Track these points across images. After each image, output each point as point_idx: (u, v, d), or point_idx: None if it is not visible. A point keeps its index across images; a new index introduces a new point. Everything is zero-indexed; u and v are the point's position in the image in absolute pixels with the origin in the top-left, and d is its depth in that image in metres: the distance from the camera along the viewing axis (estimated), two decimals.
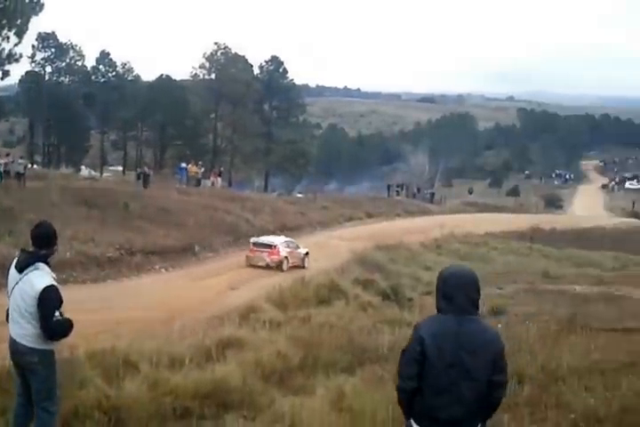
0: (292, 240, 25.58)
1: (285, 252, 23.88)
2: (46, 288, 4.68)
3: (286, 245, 24.27)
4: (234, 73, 57.18)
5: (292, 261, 24.00)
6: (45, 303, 4.67)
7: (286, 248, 24.10)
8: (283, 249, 23.82)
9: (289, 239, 25.60)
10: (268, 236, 25.94)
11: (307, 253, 25.07)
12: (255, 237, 25.39)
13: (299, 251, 24.78)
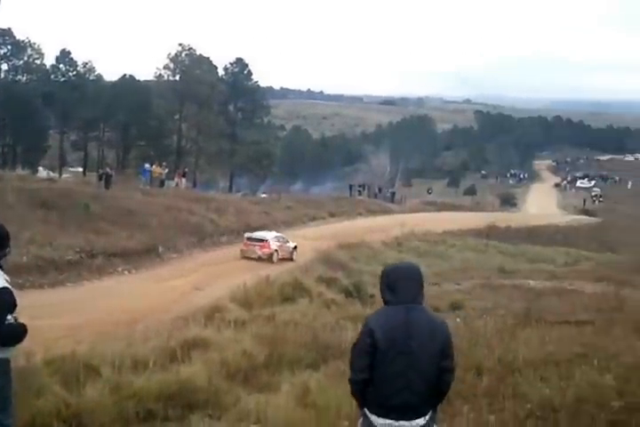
0: (282, 235, 27.29)
1: (275, 246, 25.85)
2: None
3: (276, 240, 26.21)
4: (198, 74, 56.70)
5: (281, 254, 25.97)
6: None
7: (276, 242, 26.06)
8: (273, 243, 25.81)
9: (279, 234, 27.31)
10: (260, 231, 27.54)
11: (295, 247, 26.86)
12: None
13: (288, 245, 26.70)
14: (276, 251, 25.81)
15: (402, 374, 3.51)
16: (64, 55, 59.48)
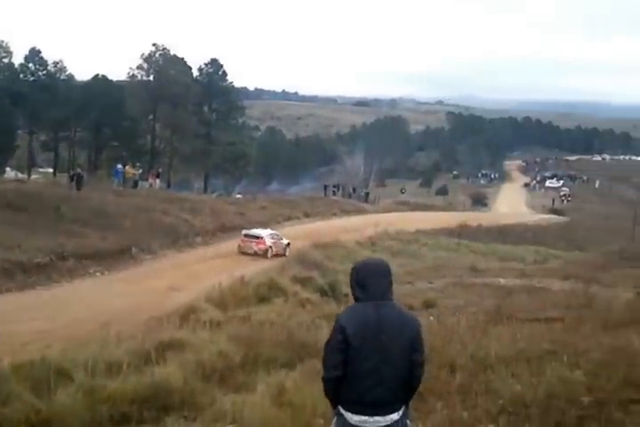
0: (276, 233, 28.94)
1: (270, 242, 27.39)
2: None
3: (271, 237, 27.82)
4: (173, 74, 56.17)
5: (275, 250, 27.48)
6: None
7: (271, 239, 27.64)
8: (268, 240, 27.34)
9: (274, 232, 29.02)
10: (256, 229, 29.19)
11: (288, 244, 28.34)
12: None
13: (281, 242, 28.21)
14: (271, 247, 27.27)
15: (375, 370, 3.52)
16: (33, 54, 58.30)
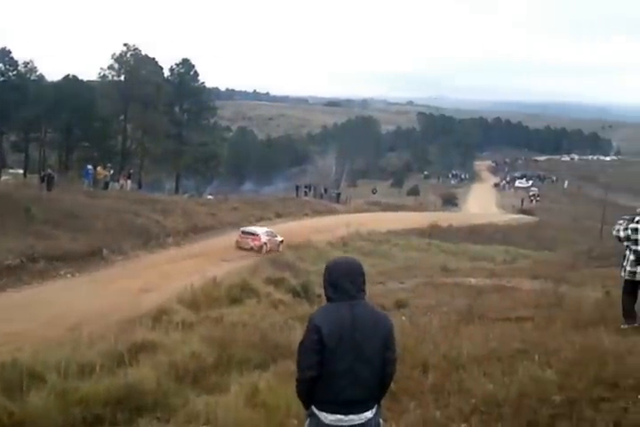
0: (271, 231, 30.68)
1: (265, 239, 29.18)
2: None
3: (266, 234, 29.61)
4: (144, 75, 55.65)
5: (269, 246, 29.17)
6: None
7: (266, 236, 29.41)
8: (263, 237, 29.17)
9: (269, 230, 30.81)
10: (253, 226, 31.40)
11: (281, 241, 30.13)
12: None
13: (275, 239, 30.01)
14: (266, 243, 29.00)
15: (350, 369, 3.52)
16: (4, 54, 57.44)
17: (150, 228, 28.52)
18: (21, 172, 59.86)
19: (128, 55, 56.72)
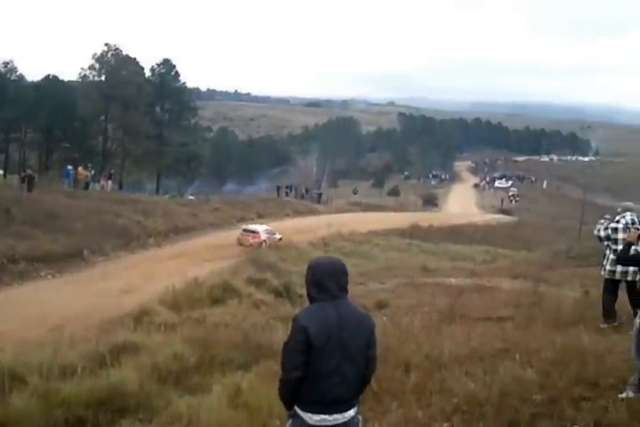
0: (270, 229, 32.28)
1: (265, 236, 30.84)
2: None
3: (266, 232, 31.31)
4: (125, 75, 55.26)
5: (268, 243, 30.67)
6: None
7: (266, 234, 31.09)
8: (263, 235, 30.84)
9: (268, 228, 32.36)
10: (254, 224, 33.33)
11: (280, 239, 31.71)
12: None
13: (274, 236, 31.59)
14: (265, 241, 30.56)
15: (337, 369, 3.52)
16: None
17: (131, 228, 28.34)
18: (1, 172, 59.02)
19: (109, 55, 56.32)
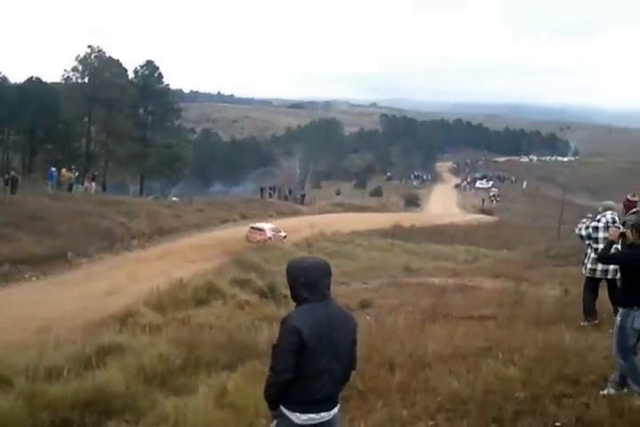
0: (276, 227, 34.49)
1: (270, 234, 32.96)
2: None
3: (271, 230, 33.48)
4: (108, 77, 54.89)
5: (274, 240, 32.63)
6: None
7: (271, 231, 33.28)
8: (269, 232, 33.02)
9: (274, 226, 34.54)
10: (260, 223, 35.73)
11: (285, 236, 33.99)
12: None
13: (279, 234, 33.84)
14: (270, 238, 32.57)
15: (327, 368, 3.53)
16: None
17: (115, 230, 28.16)
18: None
19: (92, 57, 55.86)
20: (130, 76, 59.68)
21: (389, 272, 25.84)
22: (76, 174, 41.04)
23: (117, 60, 58.15)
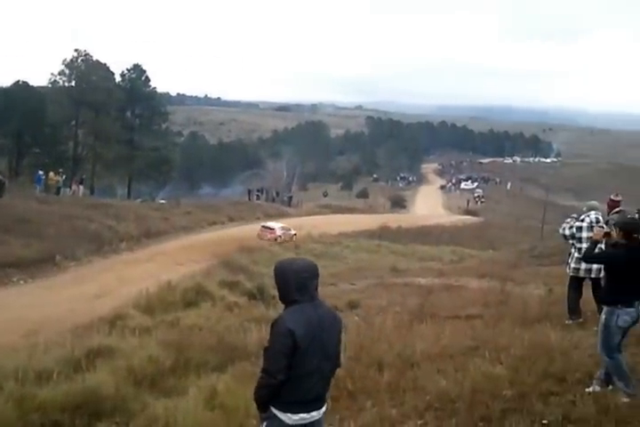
0: (285, 226, 36.50)
1: (280, 232, 35.09)
2: None
3: (281, 229, 35.57)
4: (95, 80, 54.63)
5: (283, 238, 34.76)
6: None
7: (281, 230, 35.35)
8: (279, 231, 35.18)
9: (284, 225, 36.63)
10: (271, 222, 38.07)
11: (294, 234, 35.92)
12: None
13: (289, 232, 35.86)
14: (280, 236, 34.66)
15: (318, 368, 3.55)
16: None
17: (103, 233, 27.95)
18: None
19: (79, 61, 55.56)
20: (117, 79, 59.44)
21: (376, 273, 25.81)
22: (64, 178, 40.80)
23: (104, 64, 57.90)
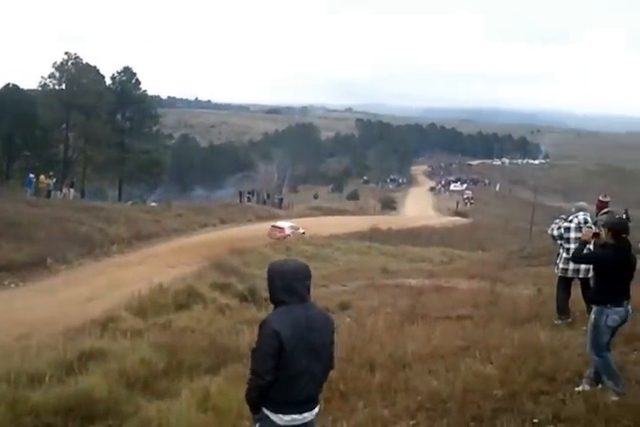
0: (294, 225, 38.19)
1: (289, 231, 36.55)
2: None
3: (290, 228, 37.12)
4: (85, 83, 54.44)
5: (292, 236, 35.93)
6: None
7: (290, 229, 36.84)
8: (287, 230, 36.66)
9: (293, 224, 38.40)
10: (281, 222, 39.84)
11: (303, 233, 37.48)
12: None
13: (298, 231, 37.30)
14: (289, 235, 35.89)
15: (307, 369, 3.54)
16: None
17: (94, 236, 27.82)
18: None
19: (69, 63, 55.36)
20: (107, 82, 59.26)
21: (367, 274, 25.80)
22: (55, 181, 40.63)
23: (94, 67, 57.73)
